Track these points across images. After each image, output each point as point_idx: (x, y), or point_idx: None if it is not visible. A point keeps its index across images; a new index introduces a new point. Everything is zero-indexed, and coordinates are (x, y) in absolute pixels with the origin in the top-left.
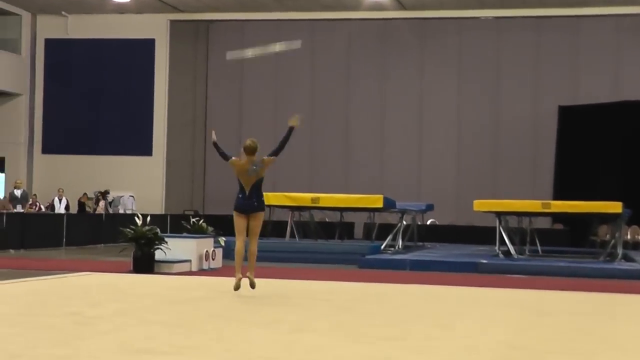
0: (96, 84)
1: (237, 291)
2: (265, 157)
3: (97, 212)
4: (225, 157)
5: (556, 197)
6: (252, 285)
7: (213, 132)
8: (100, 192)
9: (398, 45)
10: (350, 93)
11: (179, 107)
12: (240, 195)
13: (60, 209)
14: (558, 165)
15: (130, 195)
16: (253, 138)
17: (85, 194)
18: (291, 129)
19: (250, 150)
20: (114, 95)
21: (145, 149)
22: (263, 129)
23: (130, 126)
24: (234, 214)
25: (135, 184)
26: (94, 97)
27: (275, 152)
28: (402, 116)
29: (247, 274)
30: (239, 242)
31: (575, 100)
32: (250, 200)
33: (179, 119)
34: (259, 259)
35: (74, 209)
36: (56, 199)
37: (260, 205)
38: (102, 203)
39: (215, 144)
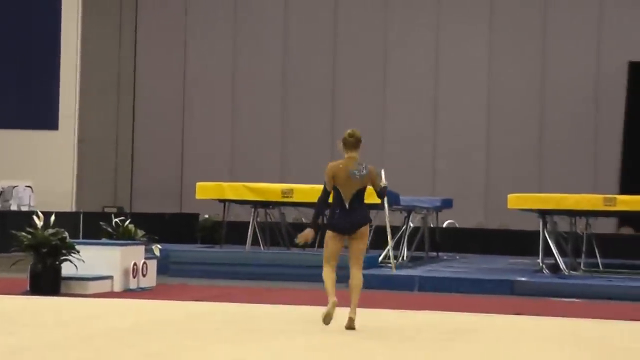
0: None
1: (327, 325)
2: (371, 167)
3: None
4: (327, 194)
5: (624, 190)
6: (352, 326)
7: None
8: None
9: None
10: (337, 45)
11: (98, 63)
12: (337, 211)
13: None
14: (627, 146)
15: (27, 186)
16: (354, 128)
17: None
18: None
19: (354, 144)
20: (3, 45)
21: (48, 121)
22: (218, 96)
23: (27, 88)
24: (328, 234)
25: (35, 170)
26: None
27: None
28: (409, 79)
29: (350, 315)
30: (329, 269)
31: None
32: (352, 215)
33: (98, 79)
34: (208, 275)
35: None
36: None
37: (366, 218)
38: None
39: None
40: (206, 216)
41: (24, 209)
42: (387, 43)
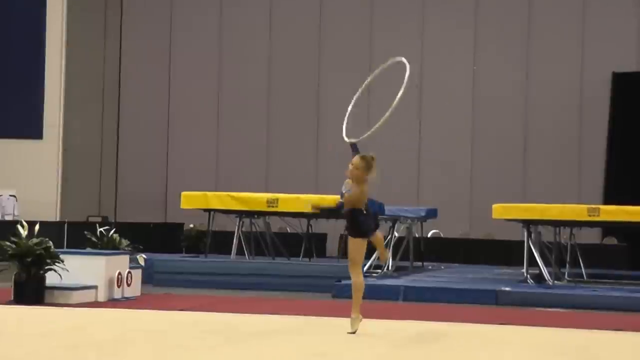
0: None
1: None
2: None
3: None
4: None
5: (608, 200)
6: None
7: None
8: None
9: None
10: (322, 54)
11: (83, 70)
12: (361, 216)
13: None
14: (611, 156)
15: (11, 195)
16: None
17: None
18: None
19: None
20: None
21: (32, 129)
22: (203, 105)
23: (11, 96)
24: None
25: (19, 179)
26: None
27: None
28: (394, 88)
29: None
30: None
31: (637, 66)
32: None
33: (83, 86)
34: (193, 284)
35: None
36: None
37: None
38: None
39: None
40: (191, 226)
41: (8, 218)
42: (372, 53)
